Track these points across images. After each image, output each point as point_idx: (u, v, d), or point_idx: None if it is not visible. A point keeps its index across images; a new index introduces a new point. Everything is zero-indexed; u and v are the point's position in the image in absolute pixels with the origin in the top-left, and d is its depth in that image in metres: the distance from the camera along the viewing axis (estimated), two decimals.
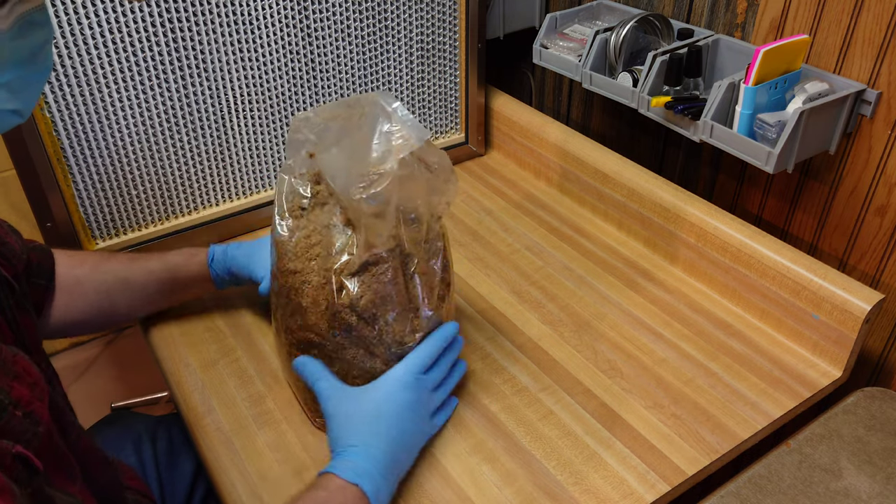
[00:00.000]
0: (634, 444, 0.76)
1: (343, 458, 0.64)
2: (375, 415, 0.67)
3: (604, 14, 1.12)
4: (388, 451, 0.66)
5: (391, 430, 0.67)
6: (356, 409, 0.67)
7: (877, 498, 0.72)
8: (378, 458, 0.65)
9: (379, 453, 0.65)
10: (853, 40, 0.85)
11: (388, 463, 0.65)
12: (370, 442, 0.65)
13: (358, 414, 0.67)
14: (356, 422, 0.67)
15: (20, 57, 0.46)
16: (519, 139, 1.22)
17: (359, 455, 0.64)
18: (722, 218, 0.93)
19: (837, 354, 0.84)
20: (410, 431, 0.69)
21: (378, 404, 0.68)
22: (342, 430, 0.67)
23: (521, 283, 0.98)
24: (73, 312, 0.78)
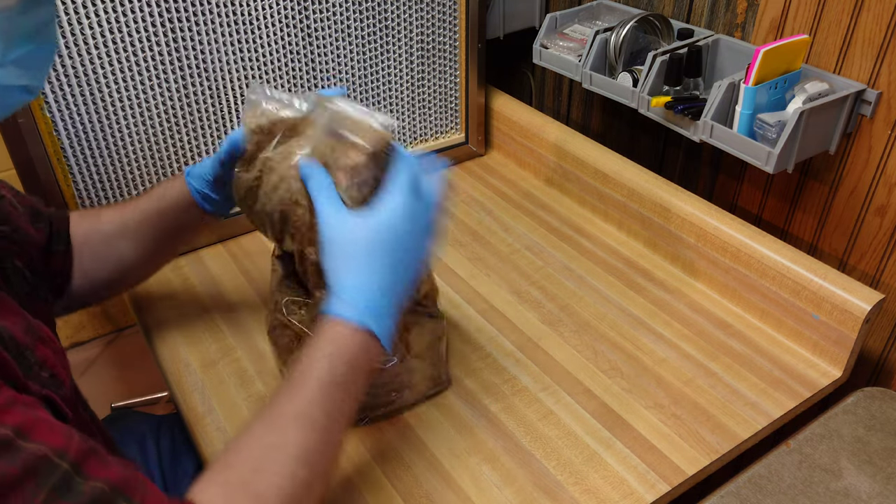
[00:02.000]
0: (634, 444, 0.76)
1: (347, 298, 0.58)
2: (379, 246, 0.60)
3: (604, 14, 1.12)
4: (394, 285, 0.60)
5: (396, 261, 0.60)
6: (358, 239, 0.60)
7: (877, 498, 0.72)
8: (384, 293, 0.59)
9: (385, 288, 0.59)
10: (853, 40, 0.85)
11: (394, 297, 0.60)
12: (374, 277, 0.59)
13: (360, 244, 0.59)
14: (358, 254, 0.59)
15: (28, 32, 0.47)
16: (519, 139, 1.22)
17: (364, 293, 0.58)
18: (722, 218, 0.93)
19: (837, 354, 0.84)
20: (413, 257, 0.62)
21: (381, 233, 0.60)
22: (341, 262, 0.59)
23: (521, 283, 0.98)
24: (89, 272, 0.76)
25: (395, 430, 0.78)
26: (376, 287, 0.59)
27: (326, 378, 0.56)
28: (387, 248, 0.60)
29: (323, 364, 0.56)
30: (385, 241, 0.60)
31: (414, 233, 0.61)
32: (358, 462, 0.75)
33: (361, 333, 0.58)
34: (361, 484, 0.72)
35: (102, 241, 0.77)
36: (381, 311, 0.59)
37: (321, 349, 0.57)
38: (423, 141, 1.21)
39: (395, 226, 0.60)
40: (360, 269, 0.59)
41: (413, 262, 0.62)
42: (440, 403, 0.80)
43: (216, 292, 0.97)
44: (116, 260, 0.78)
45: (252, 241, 1.06)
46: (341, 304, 0.58)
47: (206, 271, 1.01)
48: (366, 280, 0.59)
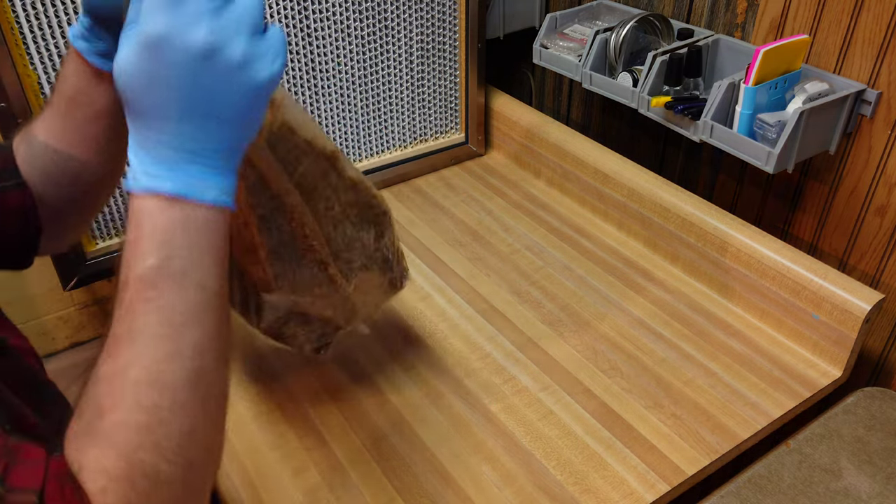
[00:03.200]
0: (634, 444, 0.76)
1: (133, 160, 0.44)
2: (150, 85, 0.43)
3: (604, 14, 1.12)
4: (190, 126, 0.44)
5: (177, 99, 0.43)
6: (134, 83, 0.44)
7: (877, 498, 0.72)
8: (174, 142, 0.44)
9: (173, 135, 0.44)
10: (853, 40, 0.85)
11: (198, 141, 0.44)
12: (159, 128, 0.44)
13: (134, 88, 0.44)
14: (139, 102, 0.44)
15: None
16: (519, 139, 1.22)
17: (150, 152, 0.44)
18: (722, 218, 0.93)
19: (837, 354, 0.84)
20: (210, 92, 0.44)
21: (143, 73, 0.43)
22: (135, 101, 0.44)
23: (521, 283, 0.98)
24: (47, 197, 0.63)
25: (395, 430, 0.78)
26: (191, 139, 0.44)
27: (145, 273, 0.43)
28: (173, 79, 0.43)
29: (148, 259, 0.43)
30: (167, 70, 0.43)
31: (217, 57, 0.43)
32: (358, 462, 0.75)
33: (186, 205, 0.43)
34: (361, 483, 0.72)
35: (43, 157, 0.63)
36: (203, 170, 0.44)
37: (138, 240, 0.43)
38: (423, 141, 1.21)
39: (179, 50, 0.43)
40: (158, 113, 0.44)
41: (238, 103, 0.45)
42: (440, 403, 0.80)
43: None
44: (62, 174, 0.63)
45: None
46: (140, 167, 0.44)
47: None
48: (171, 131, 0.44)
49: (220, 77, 0.43)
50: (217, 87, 0.43)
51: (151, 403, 0.41)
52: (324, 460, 0.75)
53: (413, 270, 1.00)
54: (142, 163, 0.44)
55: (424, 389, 0.82)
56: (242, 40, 0.43)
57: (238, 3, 0.44)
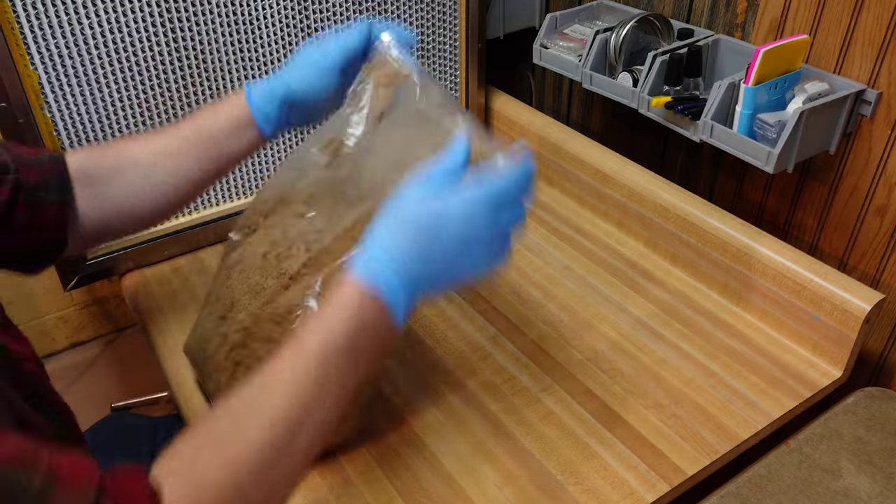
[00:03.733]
0: (634, 444, 0.76)
1: (373, 254, 0.51)
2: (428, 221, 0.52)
3: (604, 14, 1.12)
4: (439, 262, 0.52)
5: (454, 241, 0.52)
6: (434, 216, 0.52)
7: (877, 498, 0.72)
8: (424, 263, 0.52)
9: (427, 260, 0.52)
10: (853, 40, 0.85)
11: (433, 276, 0.53)
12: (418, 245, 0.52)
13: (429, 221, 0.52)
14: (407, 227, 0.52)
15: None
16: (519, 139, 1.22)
17: (397, 255, 0.51)
18: (722, 218, 0.93)
19: (837, 354, 0.84)
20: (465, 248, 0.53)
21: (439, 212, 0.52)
22: (390, 220, 0.53)
23: (521, 283, 0.98)
24: (116, 205, 0.69)
25: (395, 430, 0.78)
26: (416, 254, 0.51)
27: (331, 351, 0.49)
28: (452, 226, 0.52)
29: (335, 335, 0.49)
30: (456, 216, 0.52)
31: (490, 226, 0.53)
32: (358, 462, 0.75)
33: (376, 301, 0.50)
34: (361, 483, 0.72)
35: (134, 170, 0.69)
36: (410, 281, 0.51)
37: (324, 311, 0.50)
38: None
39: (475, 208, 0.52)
40: (406, 232, 0.51)
41: (473, 257, 0.53)
42: (440, 404, 0.80)
43: None
44: (150, 190, 0.70)
45: None
46: (364, 260, 0.51)
47: (206, 271, 1.01)
48: (408, 243, 0.51)
49: (468, 263, 0.54)
50: (458, 268, 0.53)
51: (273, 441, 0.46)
52: (324, 460, 0.75)
53: None
54: (387, 269, 0.51)
55: (425, 390, 0.82)
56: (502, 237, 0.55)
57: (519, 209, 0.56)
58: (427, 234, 0.51)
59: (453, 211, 0.52)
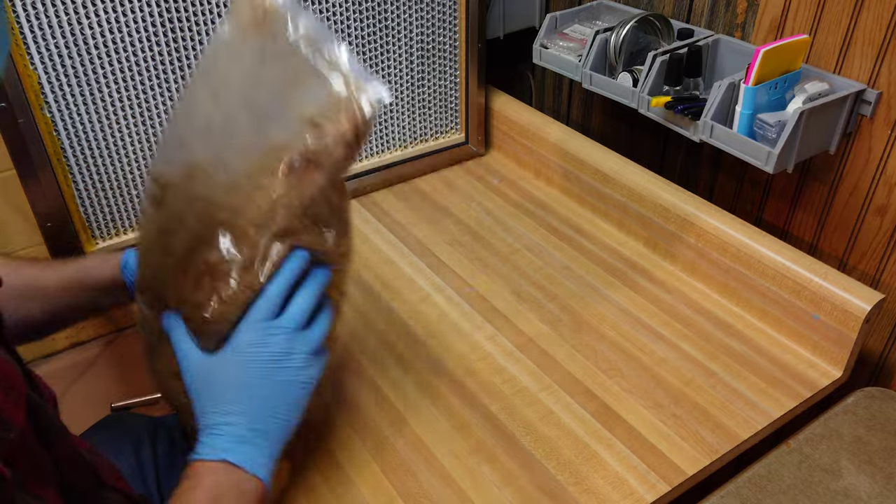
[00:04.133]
0: (634, 444, 0.76)
1: (206, 437, 0.57)
2: (230, 383, 0.59)
3: (604, 14, 1.12)
4: (257, 418, 0.58)
5: (252, 396, 0.58)
6: (212, 380, 0.59)
7: (877, 498, 0.72)
8: (244, 427, 0.57)
9: (244, 422, 0.58)
10: (853, 40, 0.85)
11: (259, 430, 0.58)
12: (231, 414, 0.58)
13: (214, 384, 0.59)
14: (214, 394, 0.59)
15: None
16: (519, 139, 1.22)
17: (222, 430, 0.57)
18: (722, 218, 0.93)
19: (837, 354, 0.84)
20: (277, 390, 0.59)
21: (230, 370, 0.59)
22: (202, 404, 0.59)
23: (521, 283, 0.98)
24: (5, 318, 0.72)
25: (395, 430, 0.78)
26: (236, 422, 0.57)
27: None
28: (239, 386, 0.58)
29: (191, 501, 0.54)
30: (237, 378, 0.59)
31: (285, 365, 0.59)
32: (358, 462, 0.75)
33: (218, 465, 0.55)
34: (361, 484, 0.72)
35: (14, 296, 0.72)
36: (249, 447, 0.57)
37: (181, 490, 0.55)
38: (423, 141, 1.21)
39: (256, 360, 0.59)
40: (219, 408, 0.58)
41: (280, 390, 0.59)
42: (440, 404, 0.80)
43: None
44: (25, 315, 0.73)
45: None
46: (202, 445, 0.57)
47: None
48: (226, 417, 0.57)
49: (286, 377, 0.59)
50: (282, 386, 0.59)
51: None
52: (324, 460, 0.75)
53: (413, 270, 1.00)
54: (214, 435, 0.57)
55: (424, 389, 0.82)
56: (304, 353, 0.60)
57: (314, 328, 0.61)
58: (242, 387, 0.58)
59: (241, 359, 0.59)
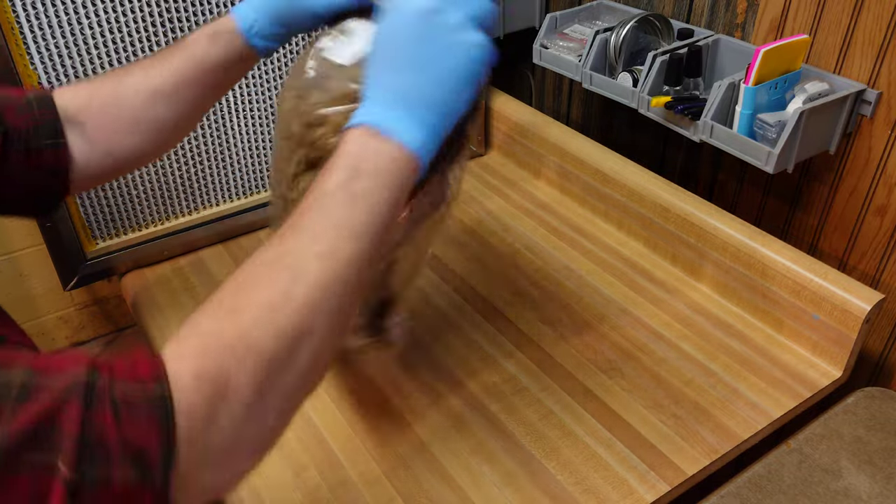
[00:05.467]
0: (634, 444, 0.76)
1: (370, 99, 0.52)
2: (379, 49, 0.53)
3: (604, 14, 1.12)
4: (403, 82, 0.52)
5: (397, 58, 0.52)
6: (372, 54, 0.54)
7: (877, 498, 0.72)
8: (389, 92, 0.51)
9: (389, 86, 0.52)
10: (853, 40, 0.85)
11: (406, 95, 0.51)
12: (377, 78, 0.52)
13: (373, 56, 0.53)
14: (371, 65, 0.53)
15: None
16: (519, 139, 1.22)
17: (368, 95, 0.52)
18: (722, 218, 0.93)
19: (837, 354, 0.84)
20: (426, 50, 0.52)
21: (381, 36, 0.53)
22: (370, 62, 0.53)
23: (521, 283, 0.98)
24: (115, 146, 0.68)
25: (395, 430, 0.78)
26: (387, 87, 0.51)
27: (335, 188, 0.47)
28: (395, 44, 0.52)
29: (338, 175, 0.48)
30: (391, 37, 0.52)
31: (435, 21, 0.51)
32: (358, 462, 0.75)
33: (369, 133, 0.49)
34: (361, 484, 0.72)
35: (130, 114, 0.67)
36: (393, 111, 0.50)
37: (335, 158, 0.49)
38: None
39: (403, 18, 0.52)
40: (372, 73, 0.52)
41: (441, 61, 0.52)
42: (440, 404, 0.80)
43: None
44: (150, 128, 0.68)
45: (252, 242, 1.06)
46: (364, 108, 0.51)
47: (206, 271, 1.01)
48: (374, 82, 0.51)
49: (436, 34, 0.51)
50: (431, 44, 0.51)
51: (285, 288, 0.43)
52: (324, 460, 0.75)
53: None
54: (361, 104, 0.51)
55: (424, 390, 0.82)
56: (461, 12, 0.52)
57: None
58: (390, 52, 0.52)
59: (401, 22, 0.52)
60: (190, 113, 0.70)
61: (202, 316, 0.43)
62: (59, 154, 0.65)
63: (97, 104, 0.67)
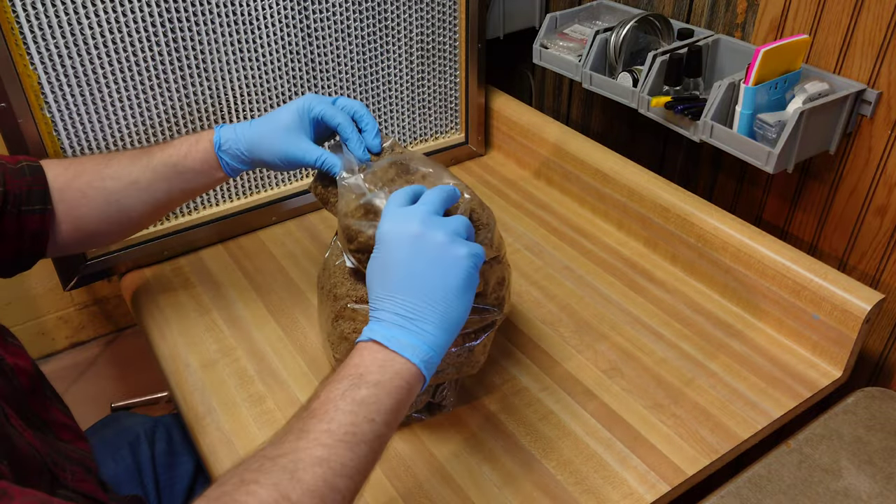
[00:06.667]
0: (634, 444, 0.76)
1: (371, 319, 0.57)
2: (375, 272, 0.58)
3: (604, 14, 1.12)
4: (403, 302, 0.56)
5: (394, 279, 0.57)
6: (370, 275, 0.59)
7: (877, 498, 0.72)
8: (390, 311, 0.56)
9: (390, 306, 0.56)
10: (853, 40, 0.85)
11: (405, 314, 0.56)
12: (380, 300, 0.57)
13: (370, 278, 0.59)
14: (370, 287, 0.59)
15: None
16: (519, 139, 1.22)
17: (374, 316, 0.57)
18: (722, 218, 0.93)
19: (837, 354, 0.84)
20: (420, 270, 0.57)
21: (376, 260, 0.59)
22: (371, 287, 0.59)
23: (521, 283, 0.98)
24: (84, 224, 0.74)
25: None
26: (408, 306, 0.56)
27: (339, 395, 0.52)
28: (391, 267, 0.57)
29: (344, 383, 0.53)
30: (386, 260, 0.57)
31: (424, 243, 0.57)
32: None
33: (375, 348, 0.55)
34: None
35: (105, 199, 0.74)
36: (396, 329, 0.55)
37: (343, 368, 0.54)
38: (423, 141, 1.21)
39: (397, 243, 0.58)
40: (373, 293, 0.58)
41: (434, 277, 0.57)
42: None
43: (216, 292, 0.97)
44: (117, 215, 0.75)
45: (252, 242, 1.06)
46: (372, 326, 0.56)
47: (206, 271, 1.01)
48: (378, 304, 0.57)
49: (427, 253, 0.57)
50: (424, 263, 0.56)
51: (284, 491, 0.46)
52: None
53: None
54: (369, 325, 0.57)
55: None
56: (444, 230, 0.58)
57: (449, 217, 0.60)
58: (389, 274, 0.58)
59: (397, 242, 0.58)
60: (154, 209, 0.78)
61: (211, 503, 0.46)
62: (45, 220, 0.71)
63: (79, 183, 0.73)
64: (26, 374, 0.62)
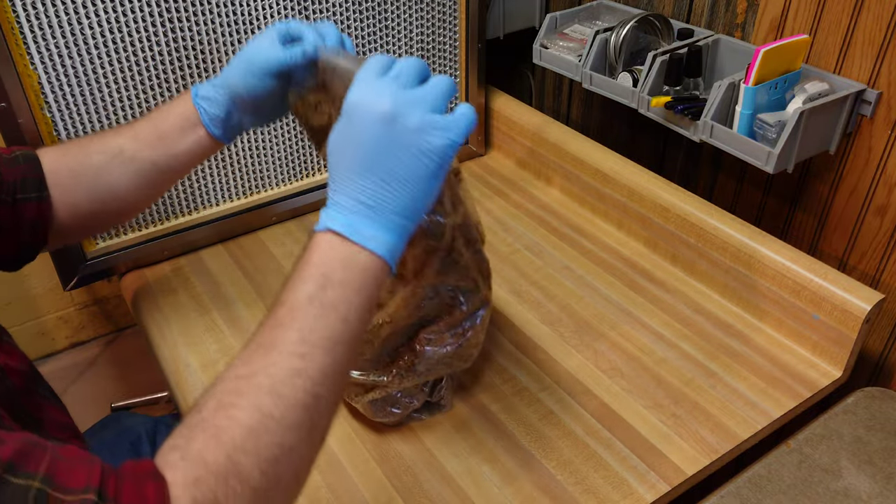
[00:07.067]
0: (634, 444, 0.76)
1: (322, 209, 0.53)
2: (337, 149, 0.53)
3: (604, 14, 1.12)
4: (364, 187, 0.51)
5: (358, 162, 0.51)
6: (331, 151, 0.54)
7: (877, 498, 0.72)
8: (350, 196, 0.51)
9: (350, 191, 0.51)
10: (853, 40, 0.85)
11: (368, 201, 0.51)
12: (338, 181, 0.52)
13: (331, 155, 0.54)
14: (331, 165, 0.53)
15: None
16: (519, 139, 1.22)
17: (331, 200, 0.52)
18: (722, 218, 0.93)
19: (837, 354, 0.84)
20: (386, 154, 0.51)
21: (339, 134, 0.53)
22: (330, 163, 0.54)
23: (521, 283, 0.98)
24: (79, 208, 0.71)
25: (395, 430, 0.78)
26: (348, 192, 0.51)
27: (306, 300, 0.49)
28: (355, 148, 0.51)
29: (309, 285, 0.49)
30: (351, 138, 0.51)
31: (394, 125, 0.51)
32: (358, 462, 0.75)
33: (336, 240, 0.50)
34: (361, 484, 0.72)
35: (94, 174, 0.71)
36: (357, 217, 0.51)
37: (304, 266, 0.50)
38: None
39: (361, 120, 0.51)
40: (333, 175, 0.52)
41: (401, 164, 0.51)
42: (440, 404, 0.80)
43: (216, 292, 0.97)
44: (107, 193, 0.72)
45: (252, 241, 1.06)
46: (330, 212, 0.51)
47: (206, 271, 1.01)
48: (336, 186, 0.52)
49: (398, 139, 0.50)
50: (394, 149, 0.50)
51: (266, 410, 0.44)
52: (324, 461, 0.75)
53: None
54: (327, 208, 0.51)
55: None
56: (419, 112, 0.51)
57: (426, 86, 0.53)
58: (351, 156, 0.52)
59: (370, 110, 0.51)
60: (141, 183, 0.73)
61: (190, 431, 0.44)
62: (42, 207, 0.69)
63: (69, 161, 0.71)
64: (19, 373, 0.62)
